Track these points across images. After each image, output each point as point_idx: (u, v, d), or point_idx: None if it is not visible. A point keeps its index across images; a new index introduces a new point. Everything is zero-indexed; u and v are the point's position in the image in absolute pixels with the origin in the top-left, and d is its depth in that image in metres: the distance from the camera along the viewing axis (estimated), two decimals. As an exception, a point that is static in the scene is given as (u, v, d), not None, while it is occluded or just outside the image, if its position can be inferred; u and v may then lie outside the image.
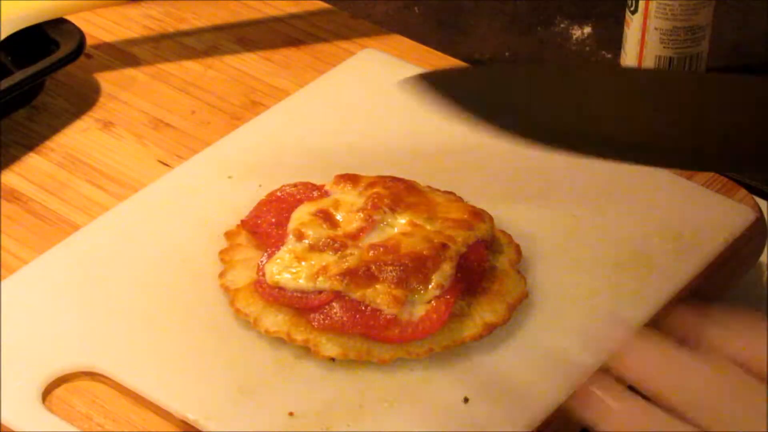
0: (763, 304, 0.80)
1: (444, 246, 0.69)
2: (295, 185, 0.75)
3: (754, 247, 0.77)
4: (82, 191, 0.83)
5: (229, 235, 0.74)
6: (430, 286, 0.68)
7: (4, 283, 0.73)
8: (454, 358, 0.68)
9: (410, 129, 0.83)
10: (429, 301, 0.68)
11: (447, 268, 0.69)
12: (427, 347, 0.67)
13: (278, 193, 0.75)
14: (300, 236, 0.70)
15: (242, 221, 0.74)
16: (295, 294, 0.68)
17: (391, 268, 0.68)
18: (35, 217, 0.81)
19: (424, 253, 0.69)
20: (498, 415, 0.65)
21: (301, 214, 0.72)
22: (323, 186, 0.74)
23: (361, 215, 0.71)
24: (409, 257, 0.69)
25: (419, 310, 0.68)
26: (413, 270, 0.68)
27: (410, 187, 0.73)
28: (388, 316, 0.67)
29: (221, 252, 0.73)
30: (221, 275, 0.72)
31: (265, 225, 0.73)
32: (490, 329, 0.68)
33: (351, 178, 0.74)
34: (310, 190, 0.74)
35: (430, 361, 0.67)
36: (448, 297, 0.68)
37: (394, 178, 0.74)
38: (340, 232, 0.71)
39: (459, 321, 0.68)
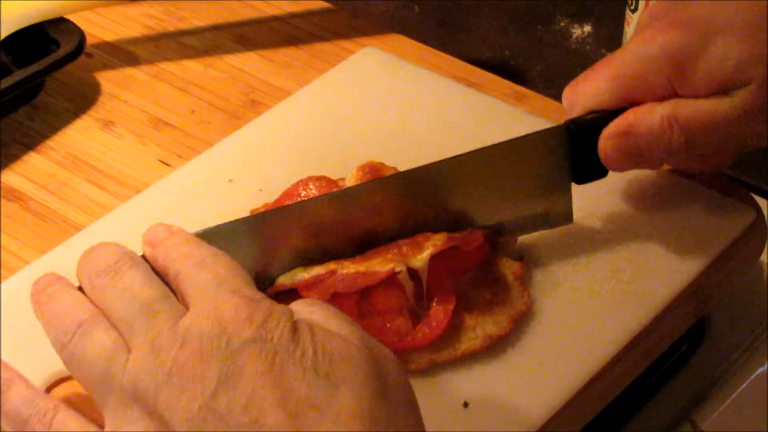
0: (763, 304, 0.80)
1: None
2: (318, 179, 0.74)
3: (754, 247, 0.77)
4: (82, 190, 0.83)
5: (228, 235, 0.75)
6: (423, 251, 0.68)
7: (5, 283, 0.73)
8: (454, 364, 0.68)
9: (410, 128, 0.83)
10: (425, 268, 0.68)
11: (439, 236, 0.69)
12: (428, 358, 0.67)
13: (301, 190, 0.74)
14: None
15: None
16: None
17: (384, 248, 0.69)
18: (35, 216, 0.81)
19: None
20: (497, 420, 0.65)
21: None
22: (343, 183, 0.73)
23: None
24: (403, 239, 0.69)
25: (419, 263, 0.68)
26: (405, 243, 0.69)
27: None
28: (384, 273, 0.67)
29: (220, 253, 0.73)
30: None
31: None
32: (492, 341, 0.68)
33: (373, 176, 0.72)
34: (330, 189, 0.73)
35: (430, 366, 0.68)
36: (448, 305, 0.68)
37: None
38: None
39: (460, 332, 0.68)
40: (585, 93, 0.71)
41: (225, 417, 0.53)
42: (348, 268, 0.68)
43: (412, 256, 0.68)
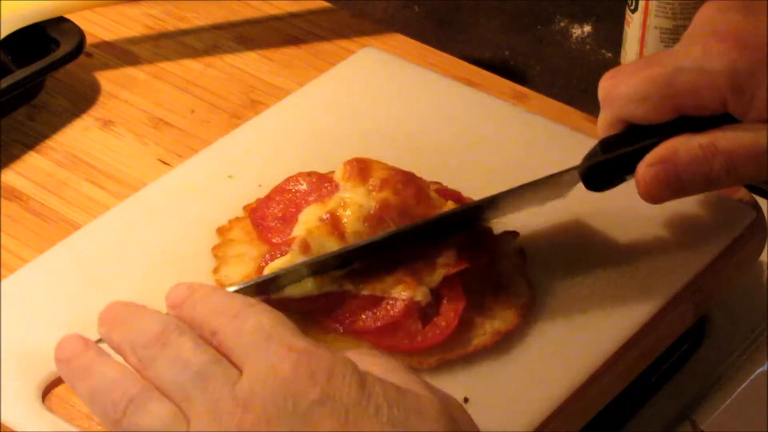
0: (763, 304, 0.80)
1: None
2: (309, 174, 0.74)
3: (754, 246, 0.77)
4: (82, 190, 0.83)
5: (221, 230, 0.74)
6: (436, 270, 0.68)
7: (4, 283, 0.73)
8: (455, 360, 0.68)
9: (411, 128, 0.83)
10: (439, 283, 0.68)
11: (450, 252, 0.69)
12: (437, 356, 0.67)
13: (291, 185, 0.74)
14: (306, 249, 0.69)
15: (251, 210, 0.74)
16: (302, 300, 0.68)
17: (394, 261, 0.68)
18: (35, 215, 0.81)
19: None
20: (498, 415, 0.65)
21: (309, 218, 0.71)
22: (332, 178, 0.73)
23: (367, 225, 0.70)
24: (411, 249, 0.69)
25: (433, 284, 0.68)
26: (417, 258, 0.68)
27: (420, 192, 0.72)
28: (404, 302, 0.67)
29: (214, 248, 0.73)
30: (215, 271, 0.72)
31: (270, 218, 0.73)
32: (501, 336, 0.68)
33: (362, 171, 0.72)
34: (320, 183, 0.73)
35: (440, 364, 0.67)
36: (458, 305, 0.68)
37: (405, 179, 0.72)
38: (344, 243, 0.70)
39: (469, 329, 0.68)
40: (630, 93, 0.68)
41: None
42: (362, 289, 0.68)
43: (426, 275, 0.68)
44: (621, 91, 0.68)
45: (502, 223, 0.73)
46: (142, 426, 0.55)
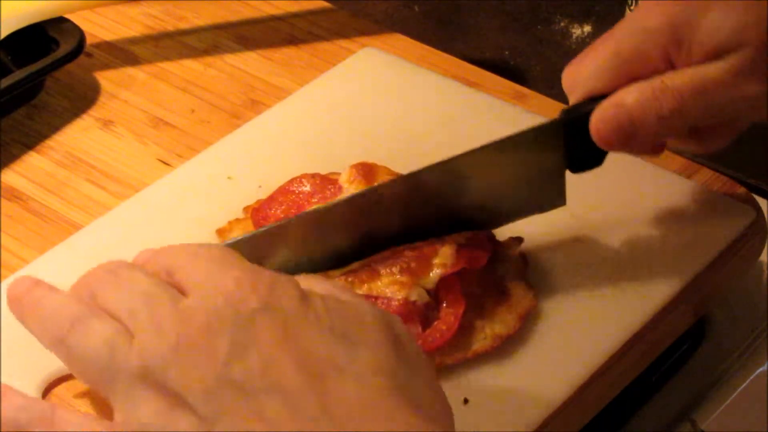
0: (763, 304, 0.80)
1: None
2: (313, 176, 0.74)
3: (754, 246, 0.77)
4: (82, 190, 0.83)
5: (220, 232, 0.75)
6: (433, 270, 0.68)
7: (5, 283, 0.73)
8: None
9: (411, 128, 0.83)
10: (435, 286, 0.68)
11: (447, 251, 0.69)
12: (437, 360, 0.67)
13: (294, 187, 0.74)
14: None
15: (253, 210, 0.74)
16: None
17: (390, 261, 0.68)
18: (35, 216, 0.81)
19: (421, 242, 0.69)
20: (496, 418, 0.65)
21: None
22: (337, 180, 0.73)
23: None
24: (408, 248, 0.69)
25: (430, 284, 0.68)
26: (413, 258, 0.68)
27: None
28: (399, 302, 0.67)
29: (214, 250, 0.73)
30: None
31: (272, 219, 0.73)
32: (501, 341, 0.68)
33: (366, 175, 0.73)
34: (324, 186, 0.73)
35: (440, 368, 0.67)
36: (458, 308, 0.68)
37: None
38: None
39: (469, 333, 0.68)
40: (586, 73, 0.69)
41: (242, 384, 0.52)
42: (357, 289, 0.68)
43: (422, 275, 0.68)
44: (581, 74, 0.70)
45: (506, 227, 0.73)
46: (85, 343, 0.56)
